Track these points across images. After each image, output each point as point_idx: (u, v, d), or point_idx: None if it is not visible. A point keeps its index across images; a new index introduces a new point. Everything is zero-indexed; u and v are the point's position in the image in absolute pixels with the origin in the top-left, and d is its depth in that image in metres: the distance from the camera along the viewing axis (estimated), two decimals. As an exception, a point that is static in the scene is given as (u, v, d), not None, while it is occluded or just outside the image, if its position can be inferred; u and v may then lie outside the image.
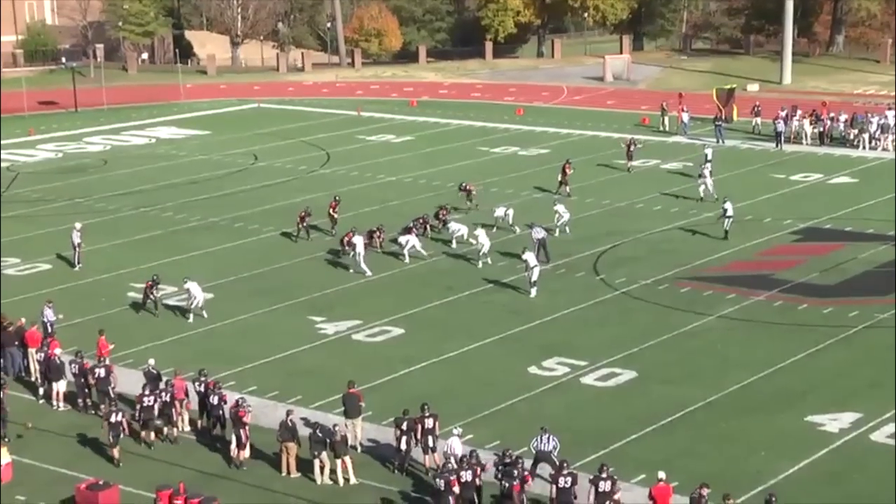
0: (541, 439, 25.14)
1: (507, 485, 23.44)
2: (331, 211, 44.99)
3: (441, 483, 23.40)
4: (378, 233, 42.73)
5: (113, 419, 27.06)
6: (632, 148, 55.73)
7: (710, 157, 52.96)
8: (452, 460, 24.20)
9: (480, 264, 40.36)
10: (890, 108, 62.21)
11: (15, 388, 30.90)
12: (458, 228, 42.94)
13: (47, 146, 65.73)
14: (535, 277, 37.47)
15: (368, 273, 39.60)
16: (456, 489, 23.36)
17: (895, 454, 26.30)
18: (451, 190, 52.78)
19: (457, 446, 24.88)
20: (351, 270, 39.88)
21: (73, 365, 29.66)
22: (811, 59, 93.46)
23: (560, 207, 44.50)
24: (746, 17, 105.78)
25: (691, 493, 22.87)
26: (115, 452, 27.07)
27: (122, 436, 27.13)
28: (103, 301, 37.85)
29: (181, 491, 23.85)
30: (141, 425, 27.77)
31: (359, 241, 40.05)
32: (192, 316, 35.84)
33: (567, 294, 37.85)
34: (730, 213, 43.35)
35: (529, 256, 37.58)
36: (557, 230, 43.88)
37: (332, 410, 28.69)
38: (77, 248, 41.58)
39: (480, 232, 41.18)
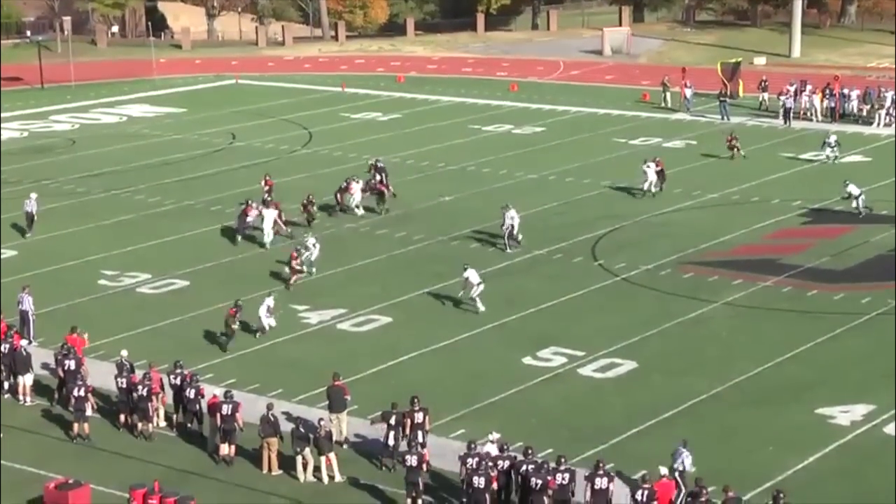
0: (680, 454, 24.09)
1: (539, 481, 23.44)
2: (264, 186, 45.00)
3: (482, 480, 23.46)
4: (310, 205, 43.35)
5: (76, 393, 27.23)
6: (734, 142, 53.19)
7: (832, 142, 51.85)
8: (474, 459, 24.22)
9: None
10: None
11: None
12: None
13: (11, 125, 65.48)
14: (475, 293, 35.09)
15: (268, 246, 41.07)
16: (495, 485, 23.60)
17: (910, 448, 26.47)
18: (441, 170, 52.83)
19: (493, 453, 24.67)
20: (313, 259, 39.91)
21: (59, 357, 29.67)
22: (822, 30, 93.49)
23: (511, 213, 40.31)
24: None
25: (689, 490, 23.02)
26: (76, 428, 27.33)
27: (86, 412, 27.35)
28: (72, 290, 37.75)
29: (156, 489, 23.87)
30: (121, 409, 28.06)
31: (268, 214, 41.51)
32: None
33: (564, 280, 37.91)
34: (856, 192, 43.70)
35: (471, 274, 35.33)
36: (508, 247, 40.30)
37: (316, 404, 28.72)
38: (29, 216, 42.94)
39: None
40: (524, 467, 23.95)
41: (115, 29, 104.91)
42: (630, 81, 75.55)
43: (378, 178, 46.14)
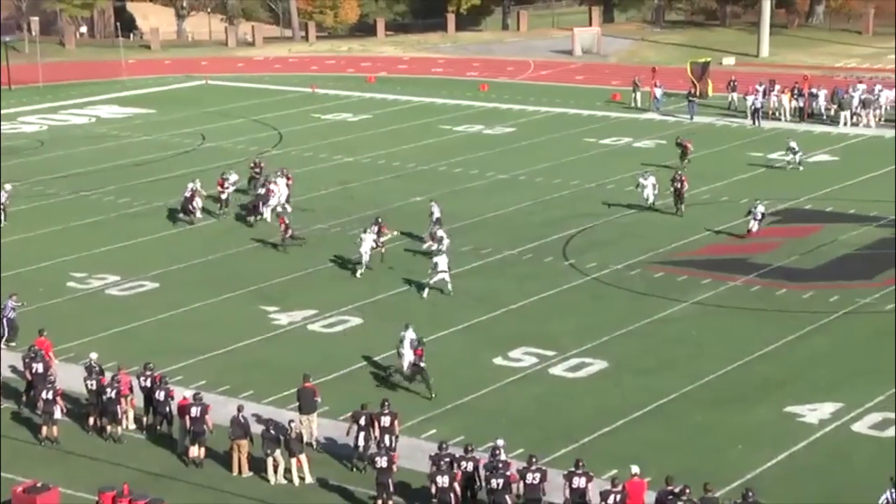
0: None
1: (499, 482, 23.45)
2: (219, 188, 45.12)
3: (446, 479, 23.54)
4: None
5: (44, 396, 27.16)
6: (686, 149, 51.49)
7: (795, 147, 50.76)
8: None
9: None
10: (881, 83, 62.74)
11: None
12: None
13: (-21, 126, 65.00)
14: (436, 279, 36.08)
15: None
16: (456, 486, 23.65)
17: (876, 445, 26.61)
18: (412, 171, 52.82)
19: (501, 457, 24.67)
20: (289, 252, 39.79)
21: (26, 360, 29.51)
22: (790, 30, 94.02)
23: (440, 232, 39.34)
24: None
25: (659, 490, 23.09)
26: (44, 431, 27.26)
27: (55, 415, 27.26)
28: (41, 291, 37.53)
29: (125, 492, 23.74)
30: (90, 412, 27.96)
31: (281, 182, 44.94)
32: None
33: (534, 280, 37.95)
34: (758, 215, 41.22)
35: (440, 260, 36.16)
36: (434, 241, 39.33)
37: (286, 406, 28.66)
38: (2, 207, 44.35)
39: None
40: (485, 469, 23.97)
41: (84, 29, 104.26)
42: (600, 81, 75.72)
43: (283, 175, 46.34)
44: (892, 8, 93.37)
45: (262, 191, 44.69)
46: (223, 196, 45.35)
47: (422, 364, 29.39)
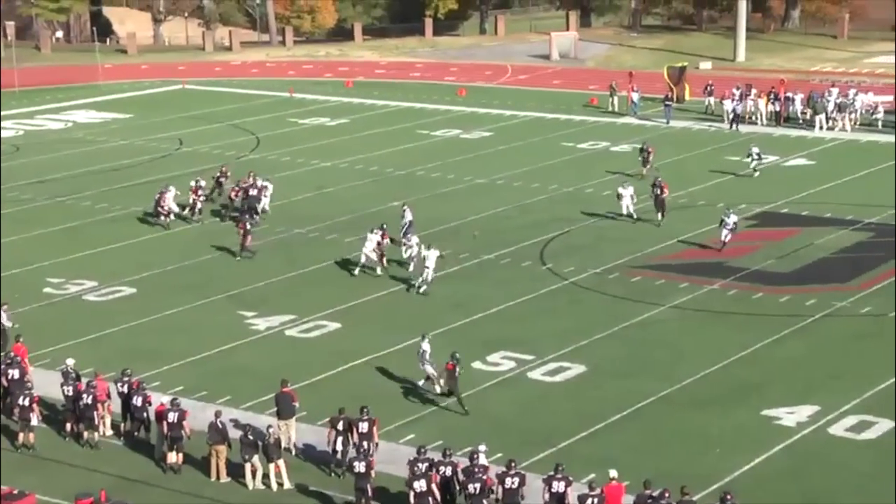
0: None
1: (476, 486, 23.44)
2: (193, 196, 45.39)
3: (423, 484, 23.52)
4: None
5: (21, 402, 27.11)
6: (649, 156, 51.31)
7: (754, 154, 50.25)
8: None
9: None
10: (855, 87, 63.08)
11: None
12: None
13: (-45, 131, 64.67)
14: (426, 277, 36.63)
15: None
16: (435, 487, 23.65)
17: (853, 448, 26.73)
18: (390, 175, 52.81)
19: (483, 462, 24.54)
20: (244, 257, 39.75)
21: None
22: (766, 35, 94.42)
23: (414, 239, 39.31)
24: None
25: (637, 494, 23.12)
26: (21, 437, 27.15)
27: (32, 421, 27.15)
28: (17, 297, 37.32)
29: (102, 499, 23.63)
30: (67, 418, 27.83)
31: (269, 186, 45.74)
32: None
33: (512, 285, 37.97)
34: (730, 224, 40.46)
35: (430, 255, 36.60)
36: (412, 264, 38.67)
37: (265, 411, 28.59)
38: None
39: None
40: (463, 473, 23.95)
41: (60, 34, 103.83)
42: (577, 86, 75.86)
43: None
44: (866, 13, 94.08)
45: (254, 192, 44.71)
46: (197, 206, 45.22)
47: (455, 376, 28.80)
